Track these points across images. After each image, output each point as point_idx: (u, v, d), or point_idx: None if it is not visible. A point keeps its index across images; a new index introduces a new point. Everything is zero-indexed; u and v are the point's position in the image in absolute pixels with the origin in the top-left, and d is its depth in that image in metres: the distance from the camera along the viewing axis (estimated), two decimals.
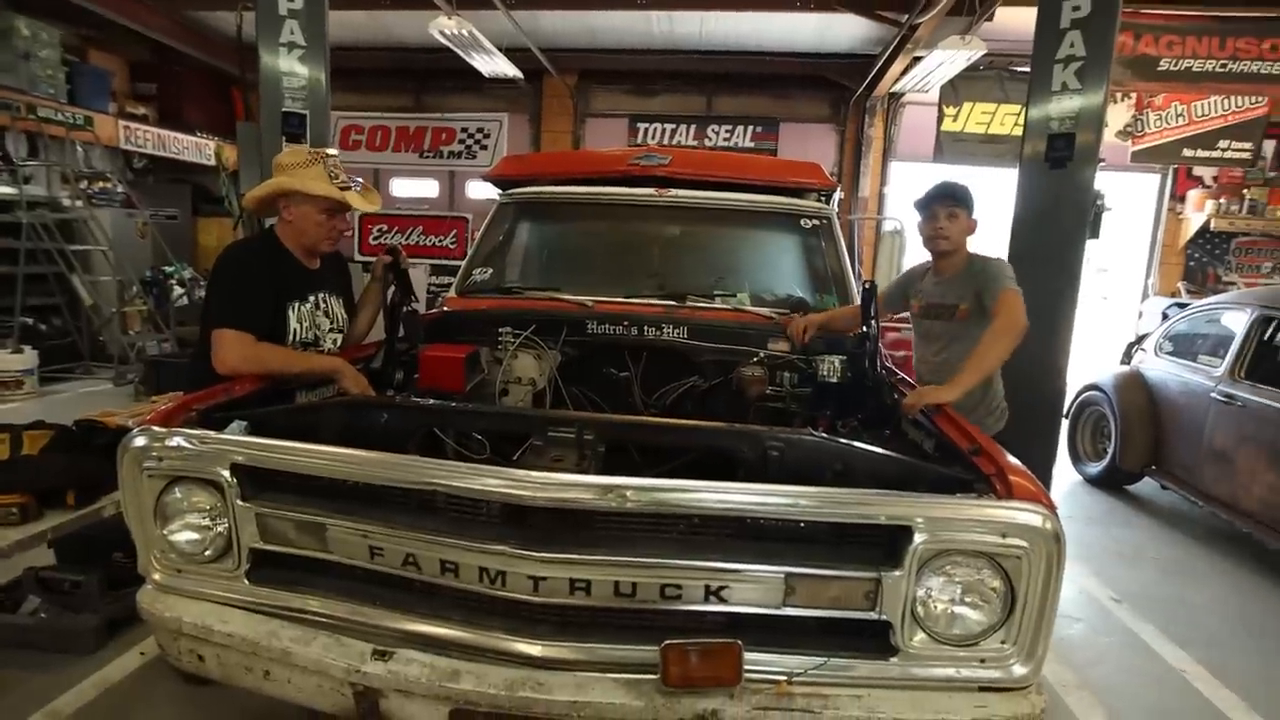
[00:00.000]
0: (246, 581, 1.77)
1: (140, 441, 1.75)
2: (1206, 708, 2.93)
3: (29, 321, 7.22)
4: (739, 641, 1.49)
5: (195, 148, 10.09)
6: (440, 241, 9.92)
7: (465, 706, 1.54)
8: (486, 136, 9.98)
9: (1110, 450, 5.49)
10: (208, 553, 1.77)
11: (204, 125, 10.26)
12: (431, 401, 2.32)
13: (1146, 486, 5.47)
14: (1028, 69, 8.02)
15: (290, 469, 1.70)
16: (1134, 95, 8.21)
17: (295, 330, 2.42)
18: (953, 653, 1.58)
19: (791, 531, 1.60)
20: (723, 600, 1.54)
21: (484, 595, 1.59)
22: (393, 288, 2.77)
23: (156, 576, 1.82)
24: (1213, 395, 4.59)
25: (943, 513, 1.53)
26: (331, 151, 2.48)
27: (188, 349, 7.25)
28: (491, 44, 7.31)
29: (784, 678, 1.55)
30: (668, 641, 1.48)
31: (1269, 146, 8.82)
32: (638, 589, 1.54)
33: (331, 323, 2.59)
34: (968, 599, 1.56)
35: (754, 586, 1.53)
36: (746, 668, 1.50)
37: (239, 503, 1.71)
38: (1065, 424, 5.91)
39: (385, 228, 10.08)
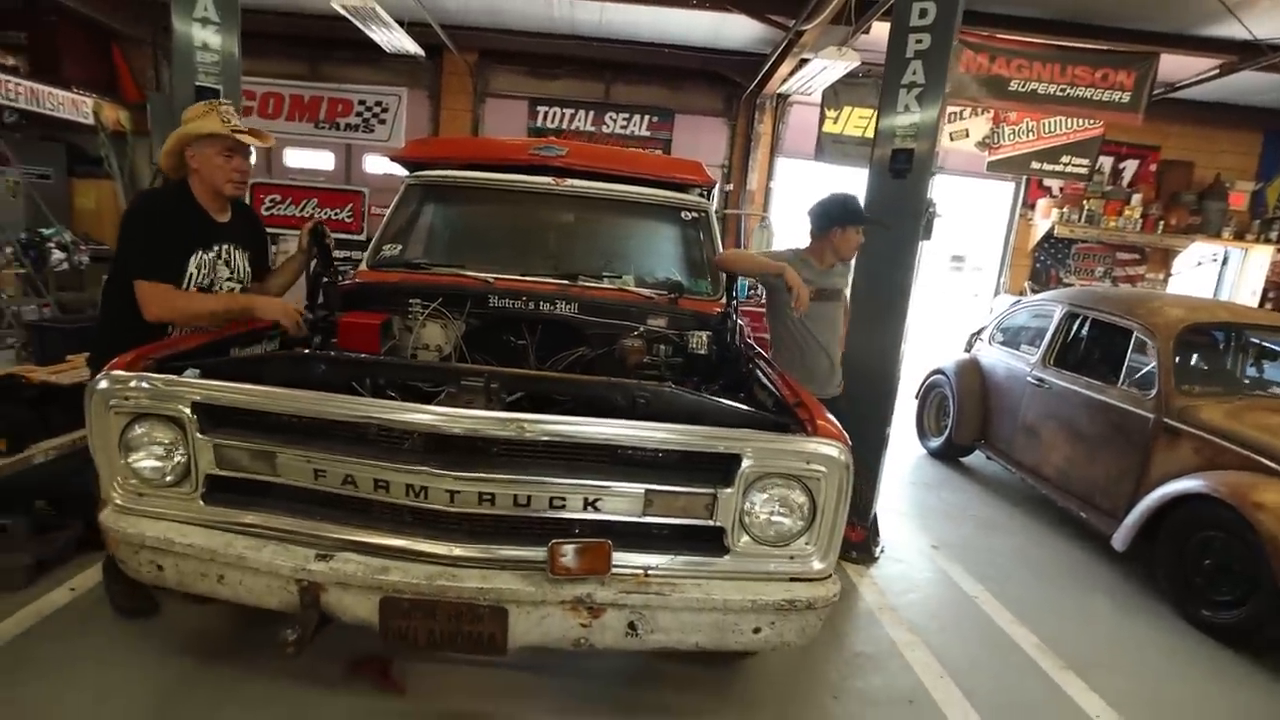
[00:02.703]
0: (202, 503, 2.10)
1: (106, 384, 2.05)
2: (986, 622, 3.64)
3: None
4: (609, 541, 1.96)
5: (72, 104, 9.60)
6: (337, 215, 9.91)
7: (394, 595, 1.94)
8: (385, 110, 9.94)
9: (948, 427, 6.31)
10: (168, 479, 2.09)
11: (81, 81, 9.77)
12: (364, 355, 2.67)
13: (977, 459, 6.30)
14: None
15: (250, 407, 2.05)
16: (992, 111, 9.11)
17: (191, 275, 2.66)
18: (770, 551, 2.10)
19: (651, 459, 2.07)
20: (597, 510, 2.01)
21: (409, 507, 1.99)
22: (314, 260, 3.07)
23: (118, 500, 2.12)
24: (1028, 379, 5.40)
25: (764, 444, 2.04)
26: (226, 102, 2.89)
27: (71, 314, 7.10)
28: (392, 18, 7.37)
29: (642, 570, 2.03)
30: (554, 540, 1.93)
31: (1106, 163, 9.98)
32: (532, 500, 1.99)
33: (231, 273, 2.83)
34: (781, 511, 2.08)
35: (622, 499, 2.01)
36: (615, 563, 1.97)
37: (198, 436, 2.04)
38: (914, 404, 6.76)
39: (279, 198, 9.98)
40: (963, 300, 11.08)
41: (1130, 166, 10.17)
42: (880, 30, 7.16)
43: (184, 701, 2.50)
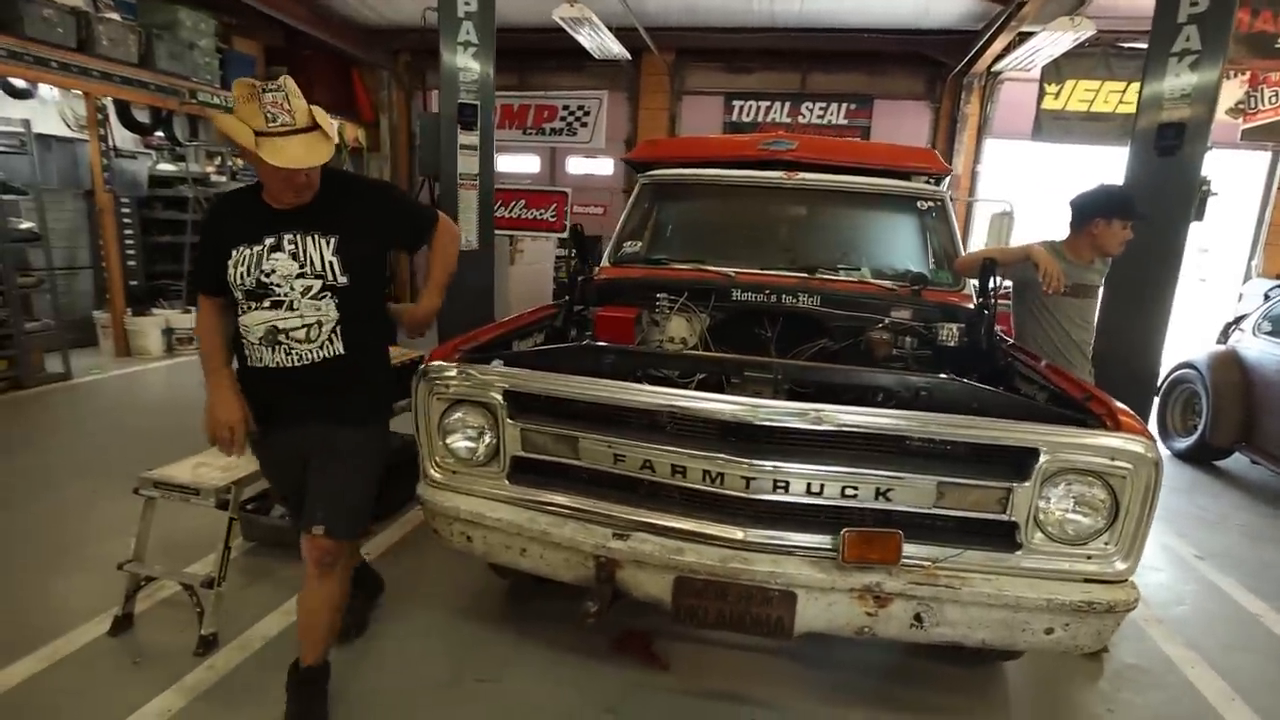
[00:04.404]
0: (507, 482, 2.33)
1: (430, 374, 2.33)
2: (1276, 641, 3.27)
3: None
4: (900, 532, 1.97)
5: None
6: (541, 215, 10.52)
7: (688, 574, 2.07)
8: (586, 114, 10.46)
9: (1200, 426, 5.69)
10: (479, 458, 2.34)
11: (327, 104, 10.97)
12: (644, 348, 2.83)
13: (1235, 463, 5.65)
14: (1134, 45, 8.00)
15: (558, 395, 2.24)
16: (1248, 72, 8.10)
17: (232, 277, 2.13)
18: (1066, 550, 2.02)
19: (942, 450, 2.06)
20: (888, 500, 2.03)
21: (706, 492, 2.10)
22: (574, 258, 3.29)
23: (436, 475, 2.40)
24: None
25: (1064, 439, 1.97)
26: (273, 86, 2.00)
27: None
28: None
29: (930, 561, 2.02)
30: (846, 529, 1.97)
31: None
32: (825, 488, 2.04)
33: (303, 267, 2.12)
34: (1080, 508, 2.00)
35: (913, 490, 2.02)
36: (904, 554, 1.99)
37: (508, 420, 2.27)
38: (1156, 401, 6.15)
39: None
40: (1189, 286, 9.90)
41: None
42: None
43: (476, 661, 2.77)
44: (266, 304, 2.12)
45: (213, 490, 2.77)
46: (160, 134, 8.34)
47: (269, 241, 2.12)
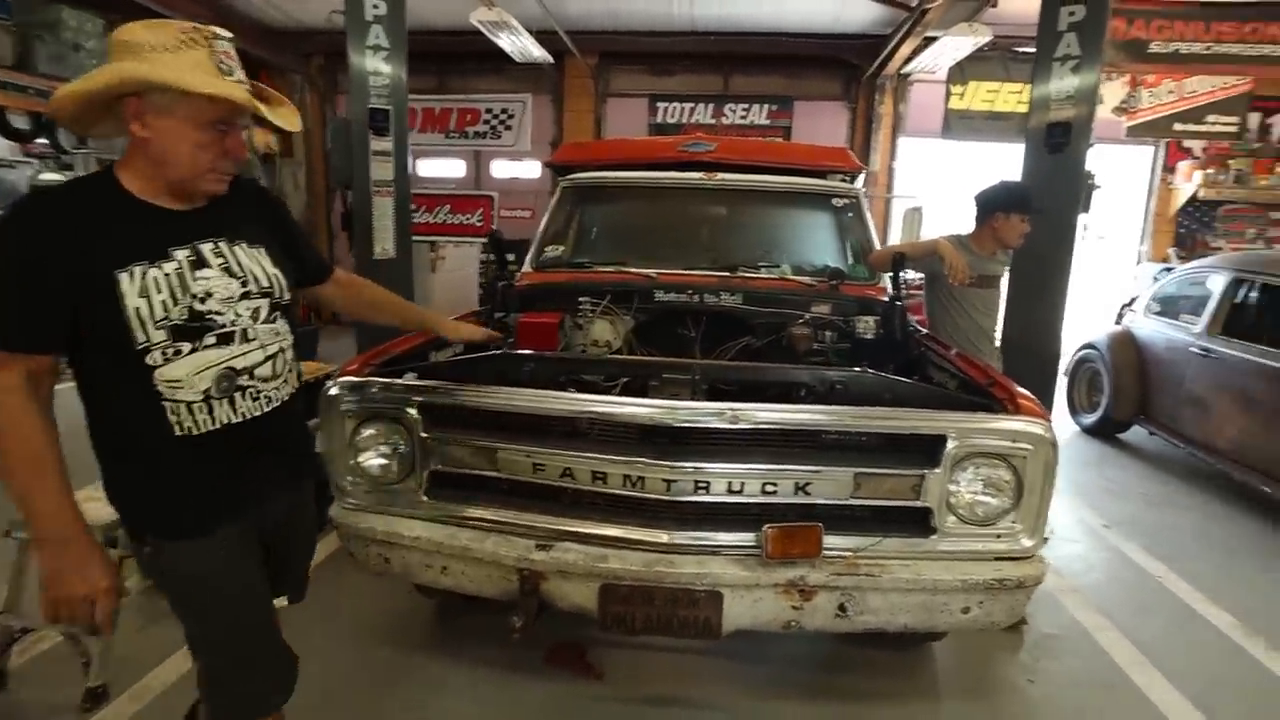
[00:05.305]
0: (426, 498, 2.26)
1: (337, 389, 2.25)
2: (1177, 603, 3.49)
3: None
4: (820, 525, 2.02)
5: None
6: (468, 219, 10.37)
7: (613, 581, 2.06)
8: (510, 117, 10.34)
9: (1103, 402, 6.00)
10: (394, 474, 2.27)
11: None
12: (566, 354, 2.81)
13: (1135, 434, 5.99)
14: (1027, 50, 8.41)
15: (474, 406, 2.20)
16: (1128, 75, 8.61)
17: (138, 311, 1.42)
18: (977, 531, 2.11)
19: (858, 442, 2.12)
20: (807, 494, 2.07)
21: (626, 497, 2.10)
22: (494, 263, 3.26)
23: (349, 496, 2.31)
24: (1192, 350, 5.08)
25: (970, 424, 2.05)
26: (223, 34, 1.50)
27: None
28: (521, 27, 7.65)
29: (850, 552, 2.08)
30: (767, 525, 2.01)
31: (1254, 119, 9.25)
32: (745, 486, 2.07)
33: (246, 285, 1.58)
34: (987, 490, 2.09)
35: (831, 483, 2.06)
36: (824, 546, 2.04)
37: (423, 434, 2.21)
38: (1063, 380, 6.47)
39: (415, 207, 10.49)
40: (1093, 270, 10.46)
41: None
42: (1005, 2, 6.93)
43: (403, 691, 2.67)
44: (209, 341, 1.51)
45: (99, 528, 2.45)
46: (43, 141, 7.87)
47: (182, 255, 1.49)
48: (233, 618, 1.62)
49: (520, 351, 2.73)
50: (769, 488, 2.07)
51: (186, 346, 1.48)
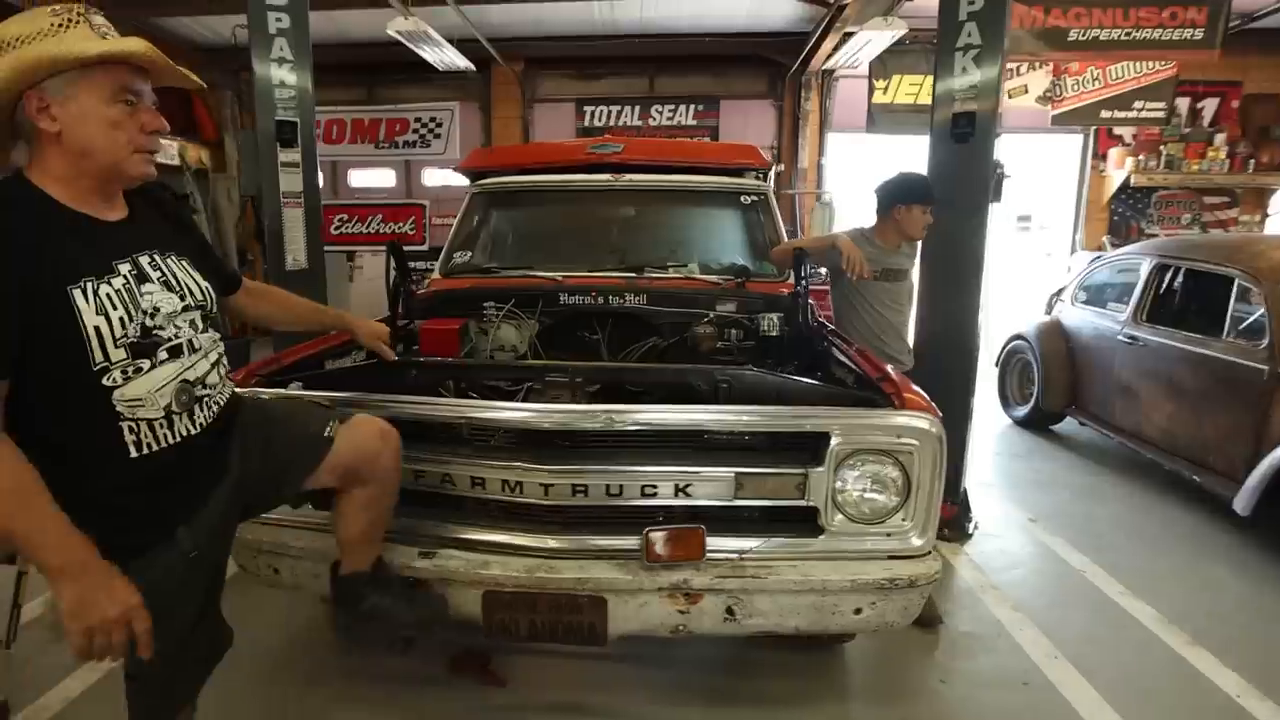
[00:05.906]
0: (312, 506, 2.14)
1: None
2: (1098, 596, 3.47)
3: None
4: (702, 527, 1.96)
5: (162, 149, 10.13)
6: (399, 228, 10.29)
7: (495, 588, 1.99)
8: (439, 125, 10.29)
9: (1034, 394, 6.04)
10: None
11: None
12: (453, 359, 2.74)
13: (1068, 425, 6.02)
14: None
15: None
16: (1050, 64, 8.75)
17: (100, 330, 1.37)
18: (865, 529, 2.06)
19: (739, 442, 2.07)
20: (689, 495, 2.01)
21: (505, 503, 2.03)
22: (394, 270, 3.16)
23: None
24: (1119, 338, 5.11)
25: (853, 421, 2.00)
26: (95, 11, 1.44)
27: None
28: (442, 37, 7.56)
29: (737, 554, 2.02)
30: (648, 529, 1.94)
31: (1182, 104, 9.46)
32: (624, 489, 2.00)
33: (185, 298, 1.55)
34: (874, 487, 2.04)
35: (712, 484, 2.00)
36: (710, 548, 1.97)
37: None
38: (995, 371, 6.51)
39: (346, 217, 10.39)
40: (1035, 261, 10.61)
41: (1210, 105, 9.60)
42: None
43: (298, 714, 2.57)
44: (163, 355, 1.46)
45: None
46: None
47: (125, 269, 1.44)
48: (180, 628, 1.60)
49: (408, 359, 2.67)
50: (648, 490, 2.00)
51: (146, 364, 1.44)
